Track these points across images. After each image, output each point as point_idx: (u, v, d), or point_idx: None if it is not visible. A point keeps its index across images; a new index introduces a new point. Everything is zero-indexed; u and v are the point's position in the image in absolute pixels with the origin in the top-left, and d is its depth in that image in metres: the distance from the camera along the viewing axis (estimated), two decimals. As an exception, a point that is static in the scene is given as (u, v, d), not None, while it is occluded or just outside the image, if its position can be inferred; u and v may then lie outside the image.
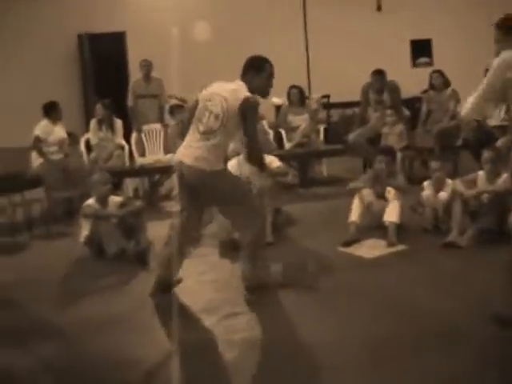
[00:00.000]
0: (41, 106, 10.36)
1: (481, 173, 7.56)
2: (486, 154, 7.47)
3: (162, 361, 4.79)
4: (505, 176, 7.38)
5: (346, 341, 4.85)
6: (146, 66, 11.70)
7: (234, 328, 5.23)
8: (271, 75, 5.90)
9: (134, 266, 7.07)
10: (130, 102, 11.72)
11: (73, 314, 5.85)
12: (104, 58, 14.19)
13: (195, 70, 13.42)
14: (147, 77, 11.74)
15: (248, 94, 5.66)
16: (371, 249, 7.19)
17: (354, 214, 7.56)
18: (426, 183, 7.82)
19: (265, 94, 5.91)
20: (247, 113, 5.61)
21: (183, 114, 10.30)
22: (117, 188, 9.97)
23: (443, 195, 7.50)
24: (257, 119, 5.94)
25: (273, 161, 8.28)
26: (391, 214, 7.46)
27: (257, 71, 5.84)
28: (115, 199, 7.84)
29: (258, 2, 14.91)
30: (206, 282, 6.41)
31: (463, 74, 12.25)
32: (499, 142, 9.09)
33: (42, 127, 10.17)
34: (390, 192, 7.64)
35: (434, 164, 7.78)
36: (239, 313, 5.55)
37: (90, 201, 7.72)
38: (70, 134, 10.71)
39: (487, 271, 6.20)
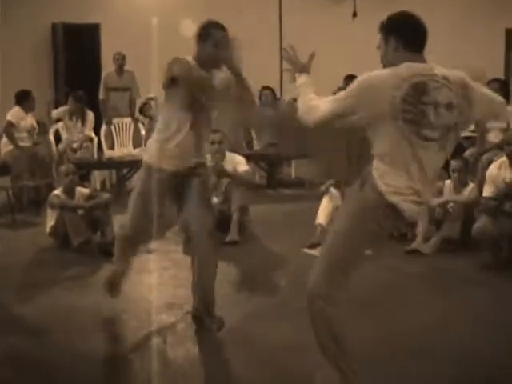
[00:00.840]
0: (11, 95, 10.30)
1: (448, 182, 7.65)
2: (454, 164, 7.55)
3: (125, 353, 4.80)
4: (471, 186, 7.48)
5: (308, 343, 4.87)
6: (120, 59, 11.65)
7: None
8: (219, 43, 5.08)
9: (99, 257, 7.06)
10: (101, 94, 11.66)
11: (35, 304, 5.80)
12: (77, 49, 14.08)
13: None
14: (120, 70, 11.69)
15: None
16: (336, 252, 7.21)
17: (321, 217, 7.60)
18: (393, 190, 7.88)
19: (214, 65, 5.10)
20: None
21: (151, 111, 10.32)
22: (84, 180, 9.93)
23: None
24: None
25: (240, 163, 8.30)
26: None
27: (201, 39, 5.10)
28: (82, 191, 7.82)
29: (234, 5, 14.91)
30: (169, 277, 6.42)
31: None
32: (467, 153, 9.21)
33: (14, 113, 10.12)
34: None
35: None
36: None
37: (57, 191, 7.69)
38: (39, 123, 10.65)
39: (448, 278, 6.30)
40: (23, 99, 10.25)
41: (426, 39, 3.98)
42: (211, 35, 5.07)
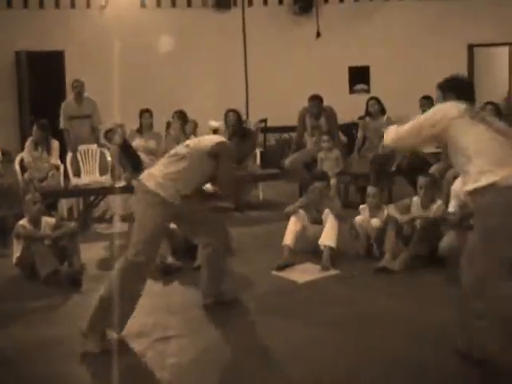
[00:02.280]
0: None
1: (415, 198, 7.69)
2: (422, 180, 7.60)
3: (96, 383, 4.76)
4: (439, 203, 7.52)
5: (278, 364, 4.86)
6: (78, 87, 11.60)
7: (164, 352, 5.21)
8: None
9: (67, 288, 7.00)
10: (61, 124, 11.56)
11: (3, 335, 5.74)
12: (41, 77, 14.04)
13: (134, 92, 13.41)
14: (79, 97, 11.63)
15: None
16: (304, 273, 7.23)
17: (288, 238, 7.60)
18: (361, 207, 7.92)
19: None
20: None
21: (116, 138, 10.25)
22: (52, 208, 9.86)
23: (375, 222, 7.60)
24: None
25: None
26: (328, 237, 7.51)
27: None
28: (48, 220, 7.75)
29: (199, 26, 14.96)
30: (138, 306, 6.35)
31: (399, 102, 12.48)
32: (433, 168, 9.27)
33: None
34: (328, 215, 7.68)
35: (370, 189, 7.90)
36: (171, 337, 5.53)
37: (23, 221, 7.62)
38: (4, 153, 10.58)
39: (417, 294, 6.33)
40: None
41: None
42: None
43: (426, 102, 10.46)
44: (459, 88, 5.12)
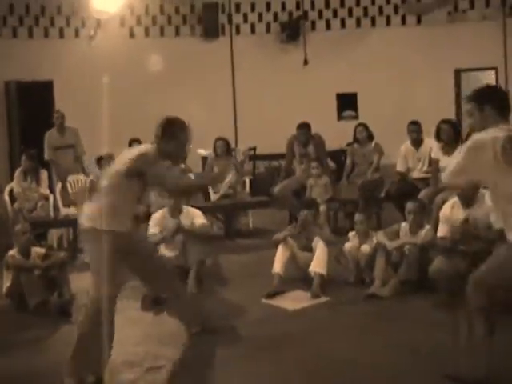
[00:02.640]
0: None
1: (403, 224, 7.71)
2: (410, 206, 7.63)
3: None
4: (427, 228, 7.55)
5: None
6: (59, 118, 11.65)
7: (156, 382, 5.20)
8: (184, 142, 5.66)
9: (57, 318, 6.98)
10: (46, 155, 11.58)
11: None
12: (31, 107, 14.08)
13: (123, 120, 13.43)
14: (61, 128, 11.67)
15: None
16: (295, 301, 7.23)
17: (278, 266, 7.61)
18: (350, 234, 7.94)
19: (177, 160, 5.92)
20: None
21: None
22: (41, 238, 9.85)
23: (365, 248, 7.62)
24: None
25: (197, 216, 8.34)
26: (318, 264, 7.53)
27: (171, 137, 5.59)
28: (38, 250, 7.73)
29: (187, 54, 15.04)
30: (128, 336, 6.34)
31: (387, 128, 12.57)
32: (422, 194, 9.30)
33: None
34: (318, 242, 7.70)
35: (357, 216, 7.93)
36: (162, 366, 5.52)
37: (13, 251, 7.61)
38: (-7, 183, 10.59)
39: (406, 320, 6.35)
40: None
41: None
42: (177, 136, 5.59)
43: (414, 128, 10.50)
44: (495, 97, 4.83)
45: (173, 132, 5.58)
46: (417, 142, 10.44)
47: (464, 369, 4.68)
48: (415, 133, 10.47)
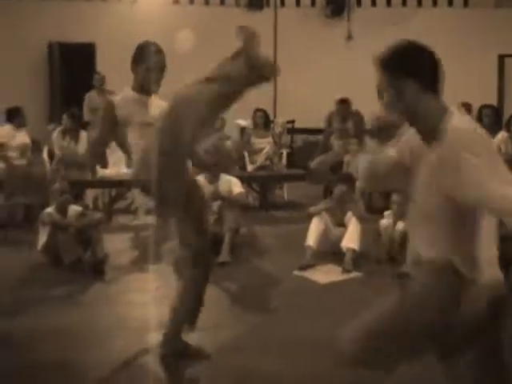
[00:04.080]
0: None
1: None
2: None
3: (111, 373, 4.80)
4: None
5: (295, 368, 4.87)
6: (100, 80, 11.72)
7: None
8: (155, 64, 5.10)
9: (90, 276, 7.07)
10: (85, 116, 11.66)
11: (24, 321, 5.79)
12: (73, 68, 14.14)
13: (162, 88, 13.43)
14: (101, 90, 11.73)
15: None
16: (326, 274, 7.26)
17: (311, 239, 7.63)
18: (386, 213, 7.92)
19: (151, 87, 5.18)
20: None
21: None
22: (77, 198, 9.94)
23: (400, 226, 7.60)
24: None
25: (235, 185, 8.36)
26: (350, 239, 7.54)
27: (135, 63, 5.13)
28: (75, 209, 7.82)
29: (230, 25, 14.97)
30: (160, 296, 6.42)
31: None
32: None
33: (4, 131, 10.15)
34: (351, 217, 7.71)
35: (394, 196, 7.90)
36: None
37: (49, 209, 7.70)
38: (33, 141, 10.67)
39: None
40: (14, 116, 10.30)
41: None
42: (146, 58, 5.09)
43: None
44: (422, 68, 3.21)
45: (141, 56, 5.11)
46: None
47: None
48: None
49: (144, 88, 5.11)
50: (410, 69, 3.16)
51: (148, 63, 5.03)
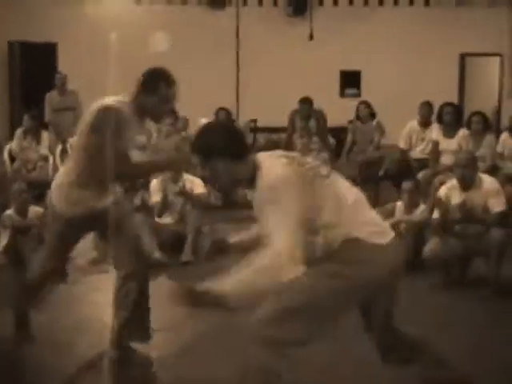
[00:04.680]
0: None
1: (399, 203, 7.74)
2: (405, 185, 7.65)
3: (75, 374, 4.79)
4: (422, 208, 7.57)
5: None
6: (61, 79, 11.65)
7: (149, 345, 5.25)
8: (167, 97, 4.78)
9: (53, 277, 7.01)
10: (47, 115, 11.59)
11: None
12: (34, 68, 14.04)
13: (126, 87, 13.37)
14: (62, 90, 11.67)
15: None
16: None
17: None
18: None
19: (157, 118, 5.00)
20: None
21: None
22: (40, 199, 9.86)
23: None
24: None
25: (197, 185, 8.36)
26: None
27: (146, 90, 4.80)
28: (35, 210, 7.76)
29: (192, 24, 14.98)
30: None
31: (389, 108, 12.58)
32: (420, 174, 9.35)
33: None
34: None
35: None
36: (155, 330, 5.55)
37: (10, 211, 7.64)
38: (-7, 142, 10.60)
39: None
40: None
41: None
42: (159, 90, 4.76)
43: (427, 108, 10.43)
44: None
45: (153, 86, 4.77)
46: (425, 123, 10.42)
47: None
48: (425, 112, 10.43)
49: (149, 117, 4.92)
50: (220, 149, 3.50)
51: (161, 96, 4.74)
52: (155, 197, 8.24)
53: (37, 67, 14.04)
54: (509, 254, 6.65)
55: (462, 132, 9.45)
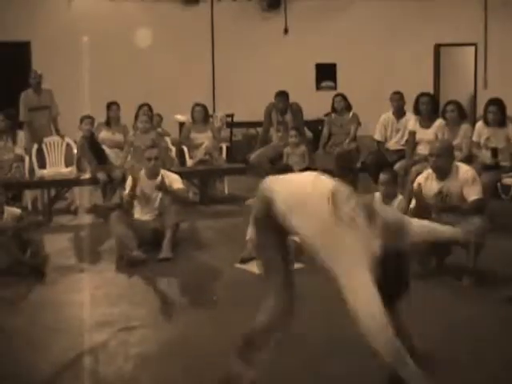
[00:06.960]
0: None
1: (377, 194, 7.74)
2: (382, 176, 7.65)
3: (54, 374, 4.75)
4: (399, 198, 7.58)
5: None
6: (36, 78, 11.58)
7: (128, 342, 5.23)
8: None
9: (30, 278, 6.98)
10: (21, 115, 11.50)
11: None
12: (7, 67, 13.92)
13: (102, 84, 13.33)
14: (37, 88, 11.61)
15: None
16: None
17: (252, 231, 7.61)
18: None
19: None
20: None
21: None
22: (16, 200, 9.81)
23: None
24: None
25: (175, 181, 8.32)
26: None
27: None
28: (12, 211, 7.66)
29: (167, 20, 14.93)
30: (100, 296, 6.38)
31: (365, 100, 12.61)
32: (397, 165, 9.37)
33: None
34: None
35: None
36: (134, 327, 5.55)
37: (-15, 212, 7.57)
38: (-32, 143, 10.50)
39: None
40: None
41: None
42: None
43: (397, 97, 10.50)
44: None
45: None
46: (399, 113, 10.47)
47: None
48: (397, 102, 10.48)
49: None
50: None
51: None
52: (126, 191, 8.23)
53: (10, 66, 13.93)
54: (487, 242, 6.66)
55: (439, 122, 9.48)
